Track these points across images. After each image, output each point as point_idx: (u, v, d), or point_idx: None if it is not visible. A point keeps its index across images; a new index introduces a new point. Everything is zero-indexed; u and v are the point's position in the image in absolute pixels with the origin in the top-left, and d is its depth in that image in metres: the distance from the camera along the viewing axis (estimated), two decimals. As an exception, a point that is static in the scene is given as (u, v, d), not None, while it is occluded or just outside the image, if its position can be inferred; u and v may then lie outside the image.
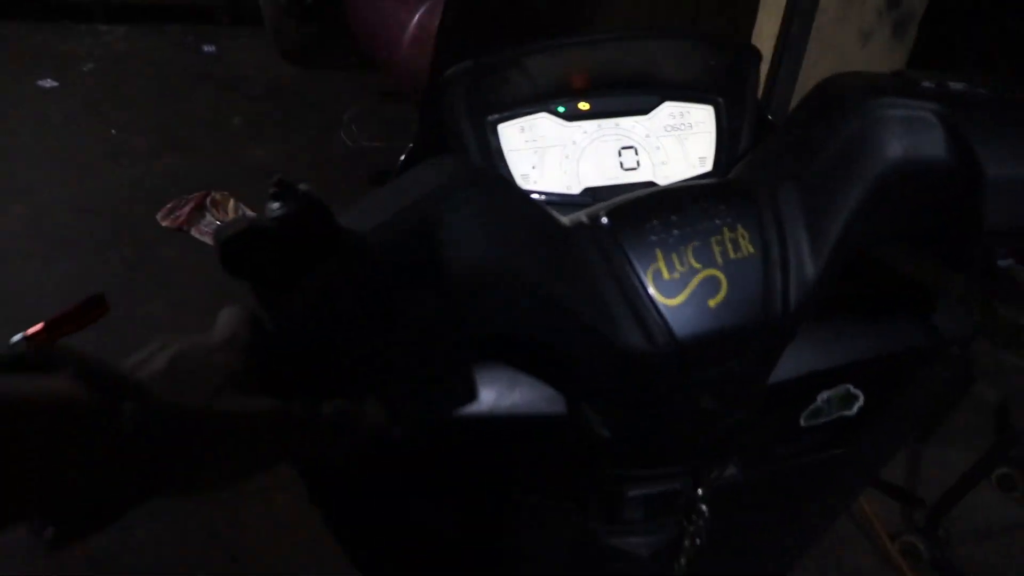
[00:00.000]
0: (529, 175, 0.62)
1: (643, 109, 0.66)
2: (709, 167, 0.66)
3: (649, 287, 0.49)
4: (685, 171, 0.65)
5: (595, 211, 0.53)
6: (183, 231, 2.62)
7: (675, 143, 0.65)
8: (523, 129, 0.63)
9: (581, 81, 0.65)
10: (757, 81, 0.68)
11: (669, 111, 0.66)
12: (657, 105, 0.66)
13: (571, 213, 0.54)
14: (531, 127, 0.63)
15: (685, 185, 0.58)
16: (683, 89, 0.66)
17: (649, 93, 0.66)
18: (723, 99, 0.66)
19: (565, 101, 0.64)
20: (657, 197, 0.54)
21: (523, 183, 0.62)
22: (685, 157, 0.65)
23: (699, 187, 0.55)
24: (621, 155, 0.64)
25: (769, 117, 0.70)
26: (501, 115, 0.62)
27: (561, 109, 0.64)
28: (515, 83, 0.63)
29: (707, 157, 0.66)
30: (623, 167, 0.64)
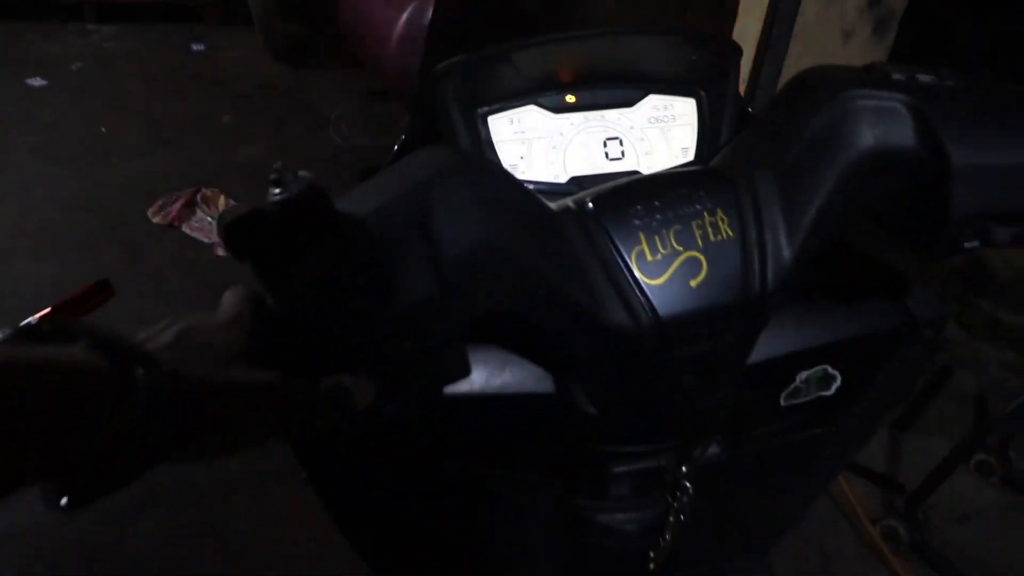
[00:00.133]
0: (518, 165, 0.64)
1: (628, 102, 0.67)
2: (691, 157, 0.67)
3: (633, 268, 0.52)
4: (668, 161, 0.67)
5: (581, 197, 0.55)
6: (174, 227, 2.63)
7: (659, 134, 0.67)
8: (512, 121, 0.64)
9: (568, 75, 0.67)
10: (738, 75, 0.70)
11: (653, 104, 0.68)
12: (641, 98, 0.67)
13: (558, 200, 0.56)
14: (520, 119, 0.64)
15: (667, 173, 0.60)
16: (667, 83, 0.68)
17: (634, 86, 0.68)
18: (705, 92, 0.68)
19: (553, 94, 0.65)
20: (640, 184, 0.56)
21: (512, 172, 0.64)
22: (668, 148, 0.67)
23: (680, 174, 0.58)
24: (606, 146, 0.66)
25: (750, 110, 0.72)
26: (491, 107, 0.64)
27: (549, 102, 0.65)
28: (505, 77, 0.64)
29: (689, 148, 0.68)
30: (608, 157, 0.66)
